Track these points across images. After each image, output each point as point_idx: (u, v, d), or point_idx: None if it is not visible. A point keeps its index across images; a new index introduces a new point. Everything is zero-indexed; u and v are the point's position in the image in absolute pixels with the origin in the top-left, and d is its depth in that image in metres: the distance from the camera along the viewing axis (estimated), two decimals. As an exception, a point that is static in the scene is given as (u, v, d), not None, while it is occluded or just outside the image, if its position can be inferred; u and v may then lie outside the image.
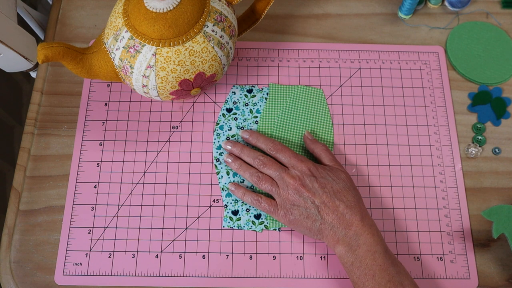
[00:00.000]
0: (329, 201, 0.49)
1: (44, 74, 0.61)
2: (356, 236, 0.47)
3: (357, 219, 0.48)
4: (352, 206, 0.49)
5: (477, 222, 0.55)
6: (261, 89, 0.60)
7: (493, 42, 0.64)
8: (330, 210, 0.48)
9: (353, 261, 0.47)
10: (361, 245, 0.47)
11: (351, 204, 0.49)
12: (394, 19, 0.66)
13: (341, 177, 0.51)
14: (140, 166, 0.57)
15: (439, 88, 0.61)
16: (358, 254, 0.47)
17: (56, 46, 0.48)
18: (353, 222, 0.48)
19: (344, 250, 0.48)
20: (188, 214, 0.55)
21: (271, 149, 0.53)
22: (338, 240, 0.48)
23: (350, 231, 0.48)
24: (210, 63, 0.50)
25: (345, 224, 0.48)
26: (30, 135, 0.58)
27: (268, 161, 0.52)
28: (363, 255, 0.47)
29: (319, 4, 0.66)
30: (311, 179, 0.50)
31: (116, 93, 0.60)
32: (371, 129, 0.59)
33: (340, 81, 0.61)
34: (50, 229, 0.54)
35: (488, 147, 0.59)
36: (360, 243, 0.47)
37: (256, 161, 0.53)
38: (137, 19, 0.47)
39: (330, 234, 0.48)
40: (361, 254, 0.47)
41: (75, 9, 0.65)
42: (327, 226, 0.48)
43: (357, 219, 0.48)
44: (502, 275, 0.53)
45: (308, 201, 0.49)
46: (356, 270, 0.47)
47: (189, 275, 0.52)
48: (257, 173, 0.52)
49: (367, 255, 0.46)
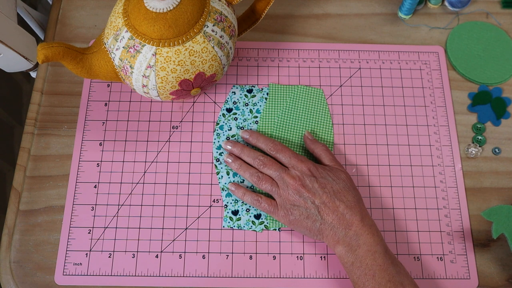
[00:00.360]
0: (329, 201, 0.49)
1: (44, 74, 0.61)
2: (356, 236, 0.47)
3: (357, 219, 0.48)
4: (352, 206, 0.49)
5: (477, 222, 0.55)
6: (261, 89, 0.60)
7: (493, 42, 0.64)
8: (330, 210, 0.48)
9: (353, 261, 0.47)
10: (361, 245, 0.47)
11: (351, 204, 0.49)
12: (394, 19, 0.66)
13: (341, 177, 0.51)
14: (140, 166, 0.57)
15: (439, 88, 0.61)
16: (358, 254, 0.47)
17: (56, 46, 0.48)
18: (353, 222, 0.48)
19: (344, 250, 0.48)
20: (188, 214, 0.55)
21: (271, 149, 0.53)
22: (338, 240, 0.48)
23: (350, 231, 0.48)
24: (210, 63, 0.50)
25: (345, 224, 0.48)
26: (30, 135, 0.58)
27: (268, 161, 0.52)
28: (363, 255, 0.47)
29: (319, 4, 0.66)
30: (311, 179, 0.50)
31: (116, 93, 0.60)
32: (371, 129, 0.59)
33: (340, 81, 0.61)
34: (50, 229, 0.54)
35: (488, 147, 0.59)
36: (360, 243, 0.47)
37: (256, 161, 0.53)
38: (137, 19, 0.47)
39: (330, 234, 0.48)
40: (361, 254, 0.47)
41: (75, 9, 0.65)
42: (327, 226, 0.48)
43: (357, 219, 0.48)
44: (502, 275, 0.53)
45: (308, 201, 0.49)
46: (356, 270, 0.47)
47: (189, 275, 0.52)
48: (257, 173, 0.52)
49: (367, 255, 0.46)
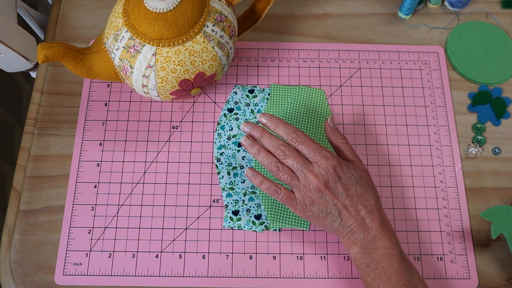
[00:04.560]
0: (351, 205, 0.47)
1: (44, 74, 0.61)
2: (374, 239, 0.47)
3: (377, 224, 0.47)
4: (373, 210, 0.47)
5: (477, 222, 0.55)
6: (262, 90, 0.60)
7: (493, 42, 0.64)
8: (351, 215, 0.47)
9: (369, 263, 0.46)
10: (379, 248, 0.46)
11: (373, 209, 0.47)
12: (394, 19, 0.66)
13: (364, 177, 0.49)
14: (140, 166, 0.57)
15: (439, 88, 0.61)
16: (374, 256, 0.46)
17: (56, 46, 0.48)
18: (372, 227, 0.47)
19: (360, 252, 0.47)
20: (188, 214, 0.55)
21: (293, 140, 0.48)
22: (355, 242, 0.47)
23: (369, 235, 0.47)
24: (210, 63, 0.50)
25: (365, 228, 0.47)
26: (30, 135, 0.58)
27: (291, 152, 0.48)
28: (379, 258, 0.46)
29: (319, 4, 0.66)
30: (335, 180, 0.47)
31: (116, 93, 0.60)
32: (371, 129, 0.59)
33: (340, 81, 0.61)
34: (50, 229, 0.54)
35: (488, 147, 0.59)
36: (377, 246, 0.46)
37: (278, 151, 0.48)
38: (137, 19, 0.47)
39: (347, 235, 0.47)
40: (378, 257, 0.46)
41: (75, 9, 0.65)
42: (346, 229, 0.47)
43: (377, 224, 0.47)
44: (502, 275, 0.53)
45: (330, 202, 0.47)
46: (371, 272, 0.46)
47: (189, 275, 0.52)
48: (277, 162, 0.48)
49: (384, 258, 0.46)
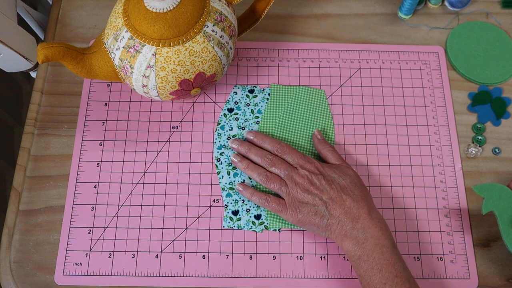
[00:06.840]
0: (336, 196, 0.49)
1: (44, 74, 0.61)
2: (364, 229, 0.47)
3: (364, 212, 0.48)
4: (359, 200, 0.49)
5: (477, 222, 0.55)
6: (262, 90, 0.60)
7: (493, 42, 0.64)
8: (337, 205, 0.49)
9: (360, 254, 0.47)
10: (369, 238, 0.47)
11: (358, 198, 0.49)
12: (394, 19, 0.66)
13: (348, 173, 0.51)
14: (140, 166, 0.57)
15: (439, 88, 0.61)
16: (365, 247, 0.47)
17: (56, 46, 0.48)
18: (360, 215, 0.48)
19: (351, 244, 0.48)
20: (188, 214, 0.55)
21: (277, 151, 0.54)
22: (345, 234, 0.48)
23: (358, 224, 0.48)
24: (210, 63, 0.50)
25: (352, 217, 0.48)
26: (30, 135, 0.58)
27: (277, 160, 0.53)
28: (370, 248, 0.46)
29: (319, 4, 0.66)
30: (318, 177, 0.51)
31: (116, 93, 0.60)
32: (371, 129, 0.59)
33: (340, 81, 0.61)
34: (50, 229, 0.54)
35: (488, 147, 0.59)
36: (367, 236, 0.47)
37: (265, 159, 0.53)
38: (137, 19, 0.47)
39: (338, 228, 0.48)
40: (369, 248, 0.47)
41: (75, 9, 0.65)
42: (335, 221, 0.49)
43: (364, 212, 0.48)
44: (502, 275, 0.53)
45: (316, 198, 0.50)
46: (363, 264, 0.46)
47: (189, 275, 0.52)
48: (265, 172, 0.53)
49: (375, 248, 0.46)
